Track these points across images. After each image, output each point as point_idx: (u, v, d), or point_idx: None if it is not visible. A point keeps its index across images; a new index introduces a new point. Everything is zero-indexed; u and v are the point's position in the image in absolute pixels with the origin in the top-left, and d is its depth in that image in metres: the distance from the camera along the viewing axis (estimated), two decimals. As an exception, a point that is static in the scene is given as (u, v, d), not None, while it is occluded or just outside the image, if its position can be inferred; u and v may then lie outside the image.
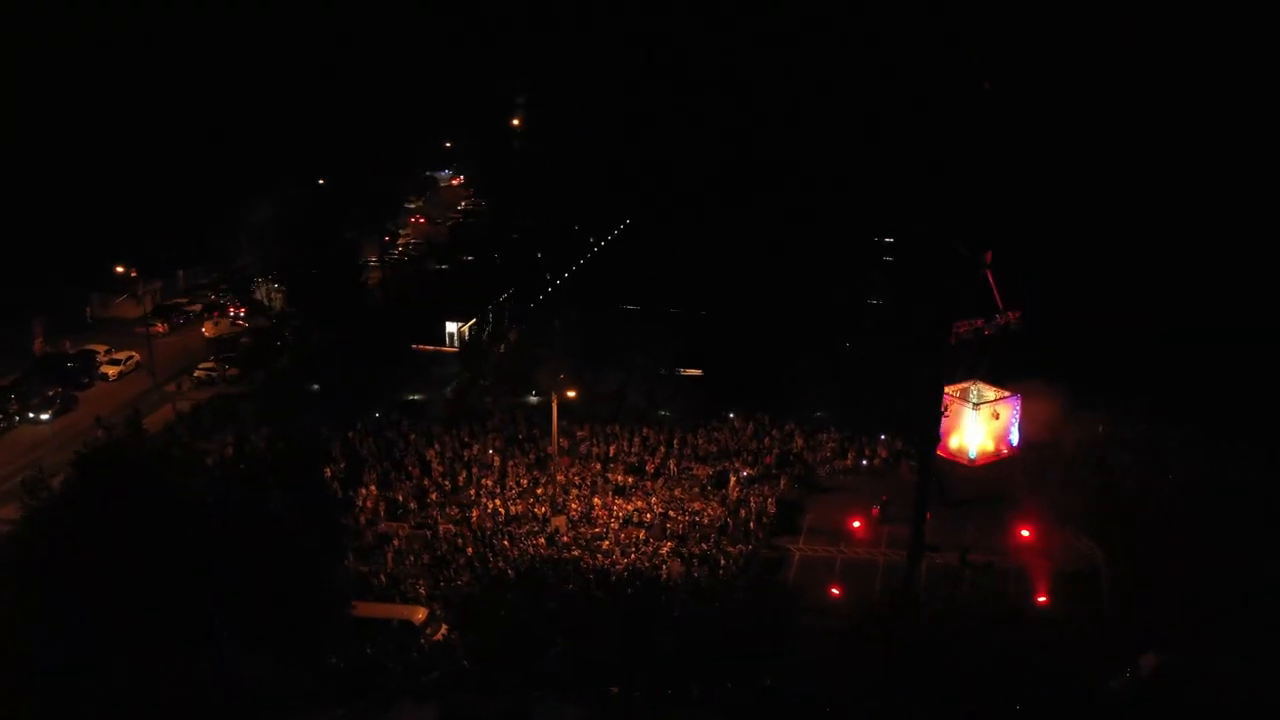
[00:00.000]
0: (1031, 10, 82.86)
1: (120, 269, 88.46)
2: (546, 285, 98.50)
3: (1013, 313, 47.90)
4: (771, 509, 57.52)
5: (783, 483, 60.44)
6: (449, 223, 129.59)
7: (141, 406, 72.66)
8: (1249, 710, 40.22)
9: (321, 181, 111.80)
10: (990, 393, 51.22)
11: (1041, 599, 49.92)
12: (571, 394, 61.61)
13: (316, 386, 76.01)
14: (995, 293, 47.47)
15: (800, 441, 65.20)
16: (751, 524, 56.08)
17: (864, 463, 63.64)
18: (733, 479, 60.43)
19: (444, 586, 50.43)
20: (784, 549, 55.23)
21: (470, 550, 53.58)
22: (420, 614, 47.15)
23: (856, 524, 57.02)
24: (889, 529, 56.79)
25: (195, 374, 78.93)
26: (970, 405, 50.02)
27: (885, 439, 64.98)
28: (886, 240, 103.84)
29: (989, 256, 47.68)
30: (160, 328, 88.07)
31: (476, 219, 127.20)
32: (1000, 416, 50.27)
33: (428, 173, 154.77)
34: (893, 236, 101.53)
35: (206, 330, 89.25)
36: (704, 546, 54.09)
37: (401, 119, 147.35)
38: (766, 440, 65.16)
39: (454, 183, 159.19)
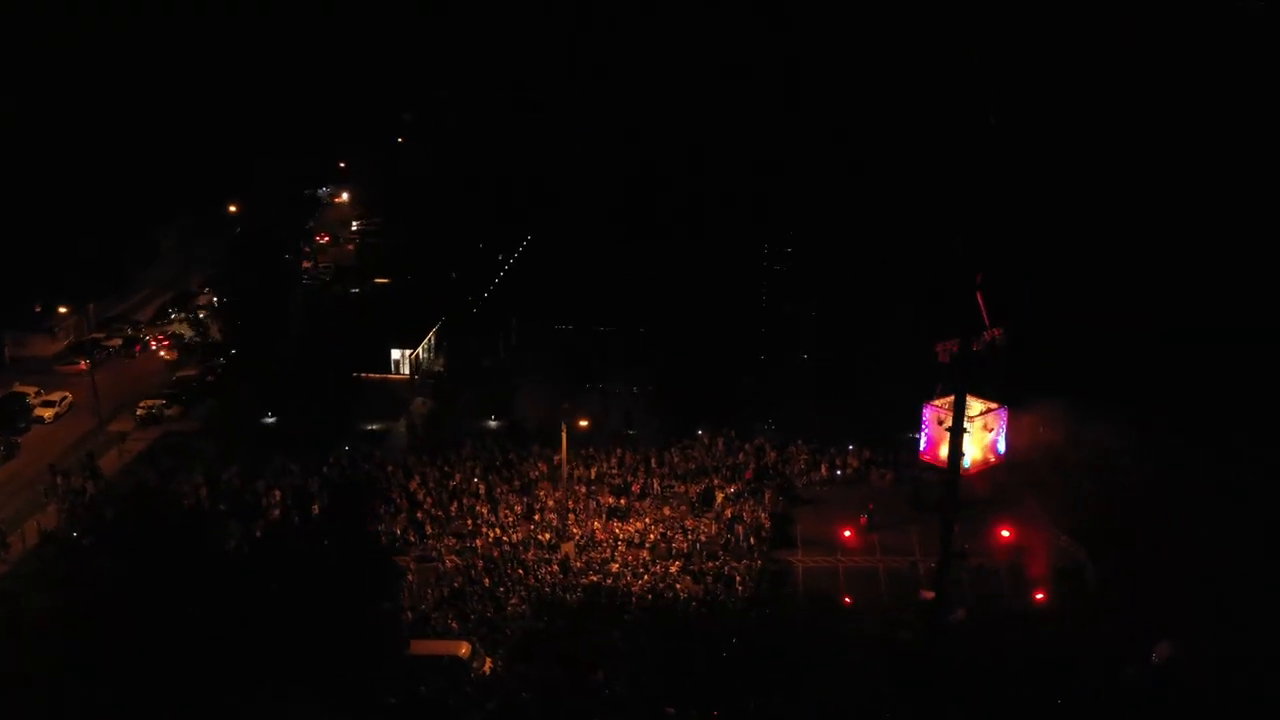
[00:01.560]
0: (1029, 11, 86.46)
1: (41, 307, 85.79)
2: (472, 306, 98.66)
3: (997, 329, 51.14)
4: (766, 524, 59.72)
5: (767, 497, 62.65)
6: (349, 243, 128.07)
7: (90, 449, 70.98)
8: (1254, 696, 44.13)
9: (233, 208, 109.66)
10: (977, 405, 54.52)
11: (1039, 596, 53.44)
12: (584, 423, 62.92)
13: (271, 420, 75.23)
14: (983, 310, 50.56)
15: (773, 455, 67.59)
16: (752, 539, 58.18)
17: (838, 473, 66.41)
18: (719, 495, 62.47)
19: (474, 620, 51.07)
20: (786, 562, 57.49)
21: (487, 581, 54.29)
22: (464, 648, 47.69)
23: (847, 533, 59.74)
24: (878, 536, 59.80)
25: (137, 412, 76.87)
26: (967, 419, 53.16)
27: (854, 449, 67.97)
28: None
29: (979, 278, 50.68)
30: (83, 365, 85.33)
31: (378, 238, 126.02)
32: (990, 428, 53.63)
33: (305, 191, 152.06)
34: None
35: (167, 355, 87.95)
36: (712, 564, 56.01)
37: (276, 137, 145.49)
38: (741, 456, 67.32)
39: (335, 200, 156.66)
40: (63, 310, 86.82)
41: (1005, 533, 58.58)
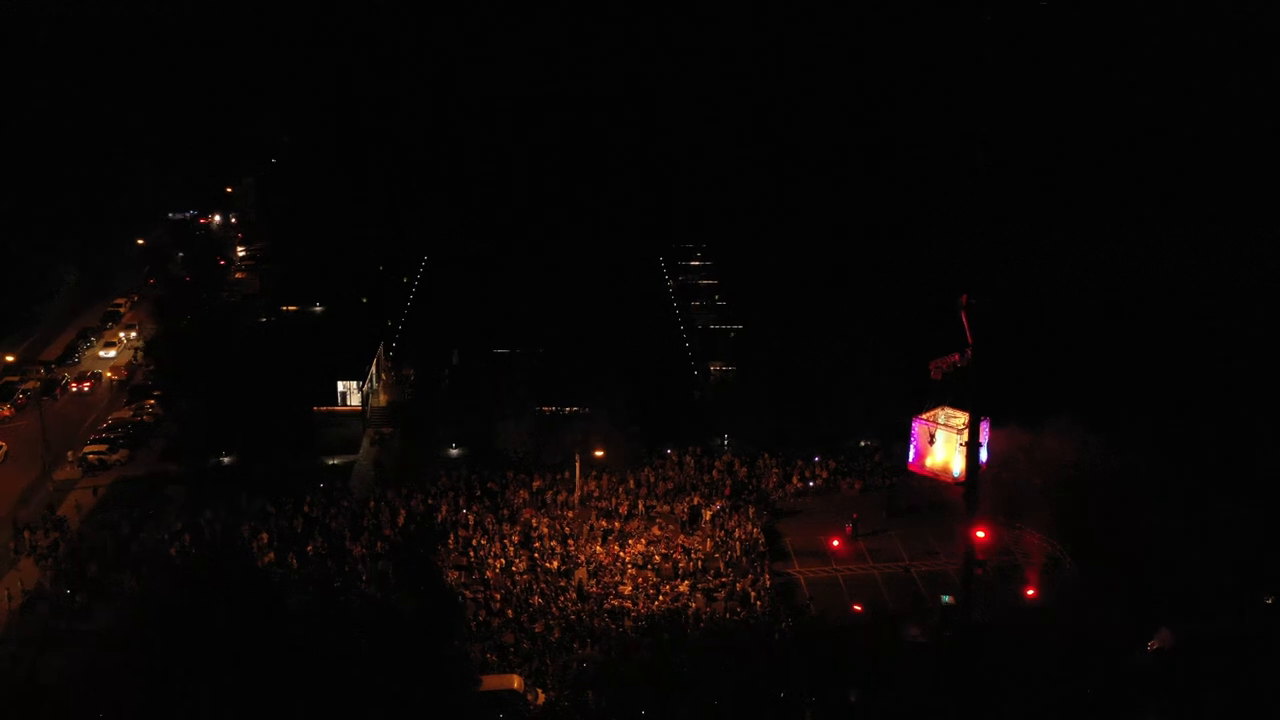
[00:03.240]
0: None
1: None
2: (396, 332, 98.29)
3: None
4: (760, 538, 62.25)
5: (750, 512, 65.19)
6: (238, 270, 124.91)
7: (40, 499, 69.04)
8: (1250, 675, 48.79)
9: (142, 242, 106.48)
10: (959, 417, 58.49)
11: (1030, 592, 57.59)
12: (599, 453, 64.24)
13: (227, 460, 74.11)
14: (967, 330, 54.27)
15: (743, 470, 70.16)
16: (752, 554, 60.63)
17: (810, 484, 69.52)
18: (707, 513, 64.70)
19: (513, 652, 52.05)
20: (788, 574, 60.19)
21: (510, 613, 55.25)
22: (516, 681, 48.81)
23: (835, 543, 62.93)
24: (865, 544, 63.16)
25: (83, 458, 74.37)
26: (955, 431, 57.10)
27: (819, 460, 71.22)
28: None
29: (965, 299, 54.32)
30: (6, 411, 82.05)
31: (271, 264, 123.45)
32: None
33: (170, 215, 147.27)
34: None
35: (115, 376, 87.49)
36: (719, 581, 58.28)
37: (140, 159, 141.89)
38: (715, 473, 69.68)
39: (201, 222, 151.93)
40: (10, 358, 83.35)
41: (981, 534, 62.55)
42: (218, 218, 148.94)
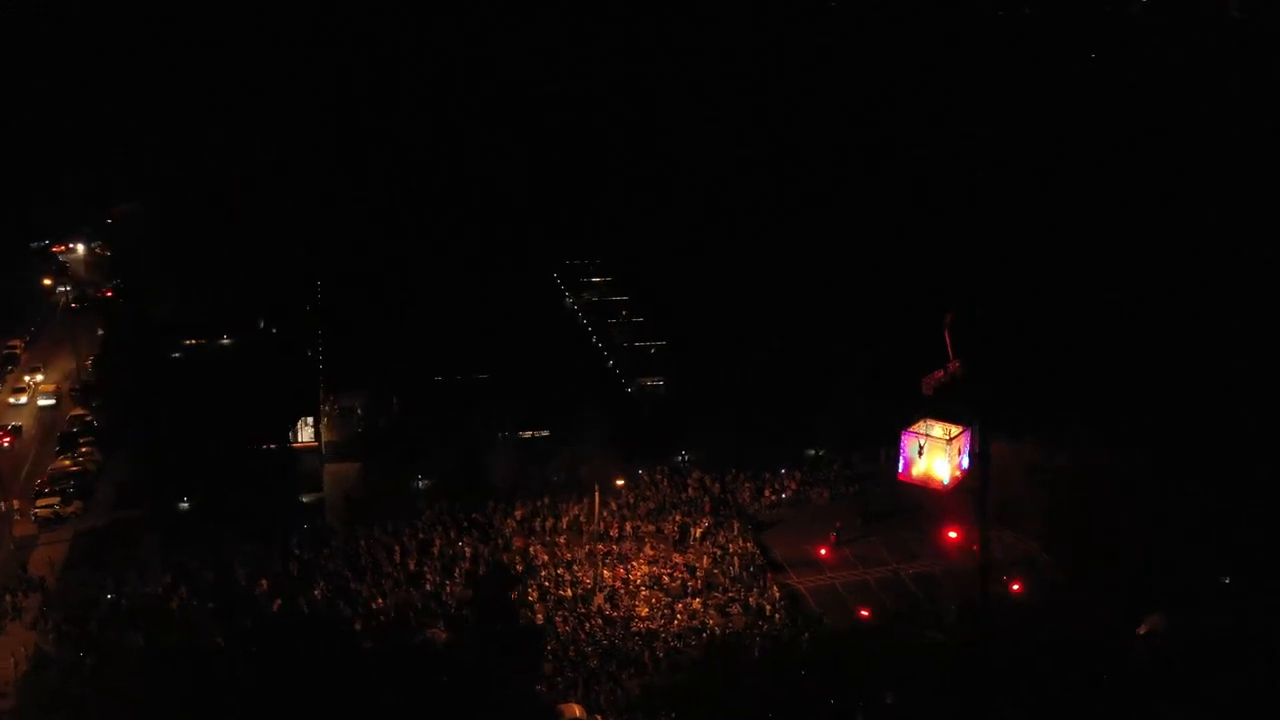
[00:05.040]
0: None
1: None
2: (319, 363, 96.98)
3: (955, 362, 59.21)
4: (755, 552, 64.98)
5: (735, 526, 67.90)
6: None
7: (5, 558, 66.59)
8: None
9: (49, 281, 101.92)
10: (938, 428, 62.58)
11: (1016, 587, 61.97)
12: (620, 482, 65.47)
13: (187, 505, 72.65)
14: (950, 348, 58.36)
15: (716, 486, 72.75)
16: (751, 568, 63.33)
17: (782, 496, 72.63)
18: (696, 530, 67.10)
19: (560, 682, 53.37)
20: (789, 585, 63.09)
21: (548, 646, 56.47)
22: (577, 710, 50.23)
23: (823, 551, 66.20)
24: (850, 550, 66.58)
25: (37, 512, 71.60)
26: (945, 440, 61.15)
27: (786, 472, 74.37)
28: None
29: (949, 317, 58.38)
30: (-70, 466, 78.16)
31: (156, 297, 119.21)
32: (960, 448, 61.71)
33: (32, 244, 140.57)
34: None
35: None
36: (729, 595, 60.82)
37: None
38: (690, 490, 72.05)
39: (56, 250, 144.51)
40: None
41: (953, 534, 66.93)
42: (81, 247, 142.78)
